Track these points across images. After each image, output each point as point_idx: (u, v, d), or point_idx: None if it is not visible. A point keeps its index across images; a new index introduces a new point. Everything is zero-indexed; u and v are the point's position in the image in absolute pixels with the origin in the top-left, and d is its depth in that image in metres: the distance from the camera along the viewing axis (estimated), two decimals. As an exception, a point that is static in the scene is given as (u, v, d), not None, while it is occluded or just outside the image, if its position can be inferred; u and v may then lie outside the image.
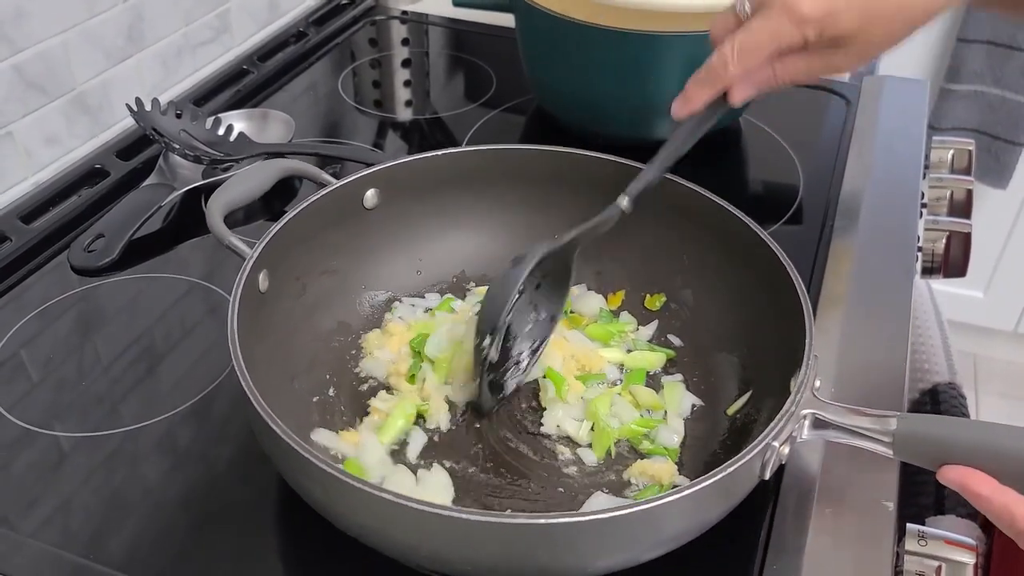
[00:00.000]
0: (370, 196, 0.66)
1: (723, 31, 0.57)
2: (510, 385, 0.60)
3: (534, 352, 0.61)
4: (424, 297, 0.69)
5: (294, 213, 0.60)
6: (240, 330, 0.51)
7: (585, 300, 0.70)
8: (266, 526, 0.55)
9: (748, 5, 0.56)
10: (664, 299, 0.69)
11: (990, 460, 0.46)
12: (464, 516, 0.43)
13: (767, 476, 0.49)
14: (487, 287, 0.60)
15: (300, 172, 0.73)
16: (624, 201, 0.59)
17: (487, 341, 0.57)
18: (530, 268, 0.57)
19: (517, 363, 0.60)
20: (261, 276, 0.57)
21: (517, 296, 0.58)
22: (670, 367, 0.65)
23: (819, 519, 0.54)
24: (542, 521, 0.43)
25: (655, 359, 0.65)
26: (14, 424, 0.61)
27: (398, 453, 0.58)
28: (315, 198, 0.62)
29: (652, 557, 0.48)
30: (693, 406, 0.62)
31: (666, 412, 0.61)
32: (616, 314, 0.69)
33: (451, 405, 0.61)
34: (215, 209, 0.64)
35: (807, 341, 0.52)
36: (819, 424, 0.50)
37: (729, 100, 0.57)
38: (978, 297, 1.96)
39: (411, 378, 0.62)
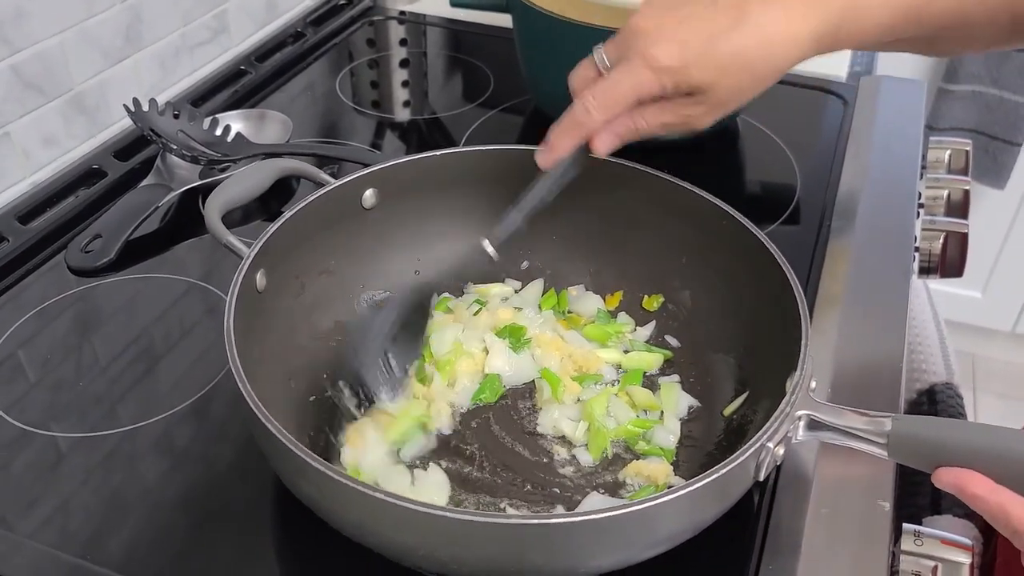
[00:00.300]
0: (368, 196, 0.66)
1: (584, 82, 0.58)
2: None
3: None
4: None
5: (292, 213, 0.61)
6: (237, 329, 0.51)
7: (583, 300, 0.70)
8: (264, 526, 0.55)
9: (607, 58, 0.58)
10: (662, 300, 0.69)
11: (985, 461, 0.46)
12: (460, 517, 0.43)
13: (762, 477, 0.49)
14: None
15: (298, 172, 0.73)
16: (489, 249, 0.60)
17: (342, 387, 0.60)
18: (397, 326, 0.60)
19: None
20: (259, 275, 0.57)
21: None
22: (667, 368, 0.65)
23: (815, 519, 0.54)
24: (537, 522, 0.43)
25: (652, 360, 0.65)
26: (12, 425, 0.61)
27: (395, 452, 0.58)
28: (313, 198, 0.62)
29: (648, 557, 0.48)
30: (689, 407, 0.62)
31: (662, 413, 0.61)
32: (614, 315, 0.69)
33: (453, 408, 0.61)
34: (213, 208, 0.64)
35: (803, 342, 0.52)
36: (814, 425, 0.50)
37: (593, 149, 0.58)
38: (976, 297, 1.96)
39: (421, 378, 0.62)
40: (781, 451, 0.49)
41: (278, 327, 0.60)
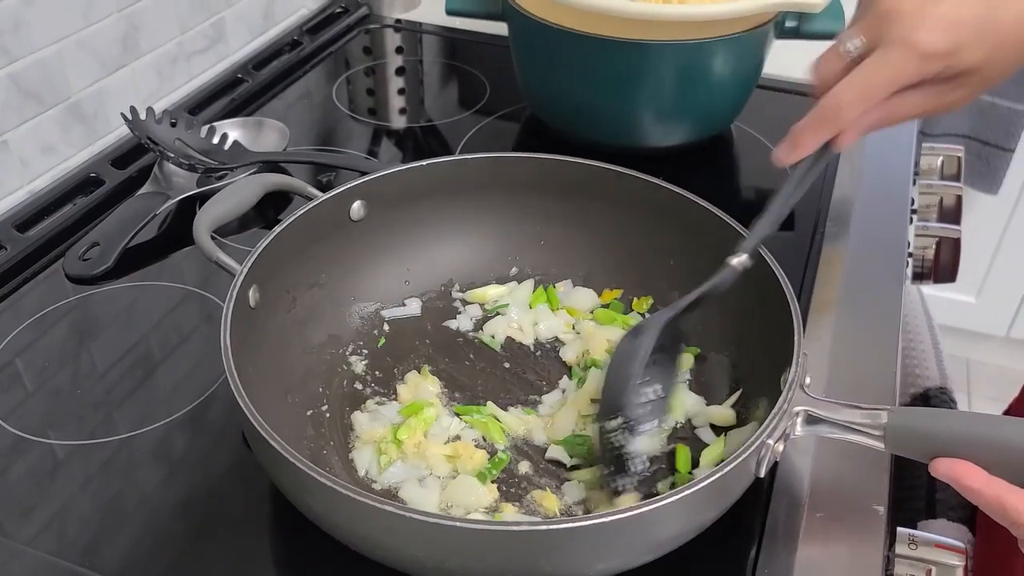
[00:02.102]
0: (356, 208, 0.66)
1: (830, 72, 0.54)
2: (635, 470, 0.54)
3: (655, 431, 0.56)
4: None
5: (281, 228, 0.61)
6: (233, 347, 0.52)
7: (576, 295, 0.70)
8: (262, 533, 0.55)
9: (858, 43, 0.52)
10: (651, 301, 0.69)
11: (981, 451, 0.46)
12: (464, 525, 0.43)
13: (762, 473, 0.50)
14: (606, 366, 0.56)
15: (285, 187, 0.73)
16: (737, 259, 0.55)
17: (615, 423, 0.52)
18: (655, 339, 0.54)
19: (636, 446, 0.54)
20: (251, 291, 0.58)
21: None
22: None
23: (810, 524, 0.55)
24: (543, 528, 0.43)
25: (685, 360, 0.64)
26: (9, 432, 0.61)
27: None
28: (301, 212, 0.63)
29: (653, 558, 0.49)
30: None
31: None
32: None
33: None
34: (202, 227, 0.64)
35: (796, 338, 0.53)
36: (812, 420, 0.51)
37: (834, 146, 0.54)
38: (970, 302, 1.97)
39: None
40: (780, 447, 0.50)
41: (272, 342, 0.60)
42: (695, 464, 0.58)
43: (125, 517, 0.56)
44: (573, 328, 0.68)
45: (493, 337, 0.67)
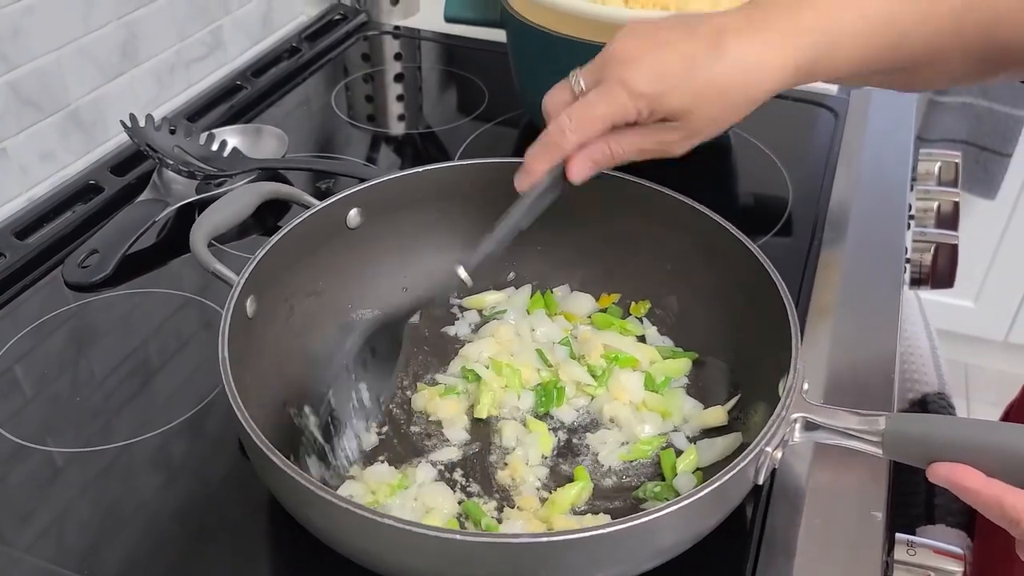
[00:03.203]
0: (353, 216, 0.66)
1: (558, 105, 0.58)
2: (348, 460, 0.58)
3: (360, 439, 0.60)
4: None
5: (278, 238, 0.61)
6: (231, 358, 0.51)
7: (573, 300, 0.70)
8: (259, 541, 0.55)
9: (583, 82, 0.58)
10: (649, 305, 0.70)
11: (979, 456, 0.46)
12: (468, 539, 0.43)
13: (761, 481, 0.50)
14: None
15: (282, 195, 0.73)
16: (462, 274, 0.59)
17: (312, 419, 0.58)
18: (361, 341, 0.60)
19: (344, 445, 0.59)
20: (249, 301, 0.58)
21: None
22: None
23: (809, 530, 0.55)
24: (544, 539, 0.43)
25: (681, 366, 0.65)
26: (8, 440, 0.61)
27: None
28: (298, 220, 0.63)
29: (651, 567, 0.49)
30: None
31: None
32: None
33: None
34: (199, 237, 0.64)
35: (794, 344, 0.53)
36: (810, 426, 0.51)
37: (568, 177, 0.58)
38: (969, 307, 1.97)
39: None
40: (779, 454, 0.50)
41: (270, 351, 0.60)
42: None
43: (123, 524, 0.56)
44: (570, 333, 0.68)
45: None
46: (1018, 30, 0.56)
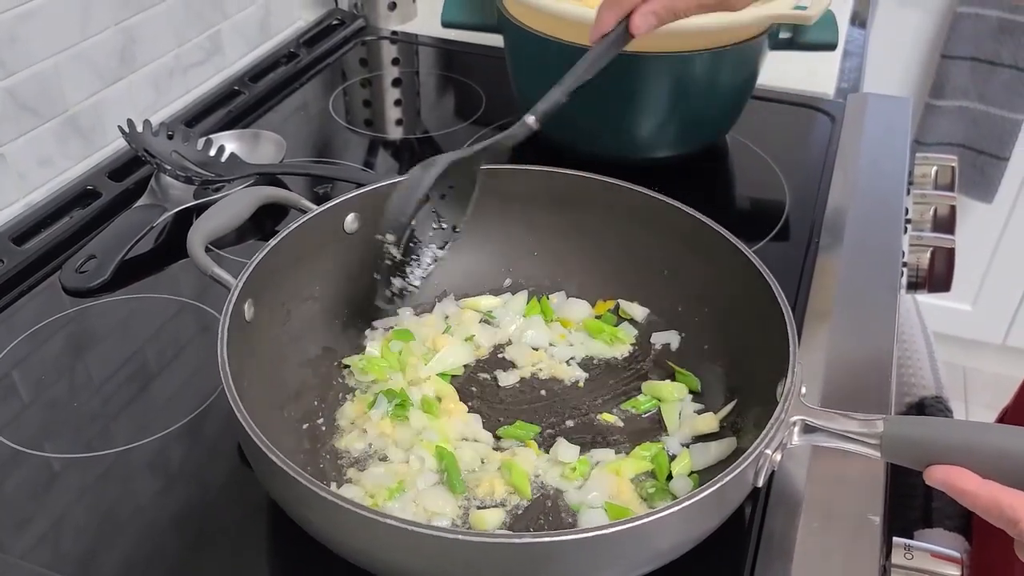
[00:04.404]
0: (350, 220, 0.67)
1: None
2: (409, 284, 0.64)
3: (435, 259, 0.64)
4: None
5: (275, 242, 0.61)
6: (230, 362, 0.52)
7: (569, 306, 0.71)
8: (257, 545, 0.55)
9: None
10: (646, 311, 0.70)
11: (976, 459, 0.46)
12: (464, 538, 0.43)
13: (760, 483, 0.50)
14: (395, 189, 0.62)
15: (279, 199, 0.74)
16: (531, 119, 0.63)
17: (391, 238, 0.60)
18: (438, 174, 0.60)
19: (418, 264, 0.64)
20: (246, 305, 0.58)
21: (425, 200, 0.61)
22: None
23: (806, 534, 0.55)
24: (544, 540, 0.43)
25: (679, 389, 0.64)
26: (5, 445, 0.61)
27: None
28: (296, 225, 0.63)
29: (650, 569, 0.49)
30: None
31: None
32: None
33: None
34: (196, 241, 0.64)
35: (791, 348, 0.53)
36: (808, 429, 0.51)
37: (631, 29, 0.62)
38: (966, 310, 1.97)
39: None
40: (778, 457, 0.50)
41: (268, 355, 0.60)
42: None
43: (120, 530, 0.56)
44: (566, 339, 0.68)
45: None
46: None
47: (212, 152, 0.84)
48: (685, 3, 0.61)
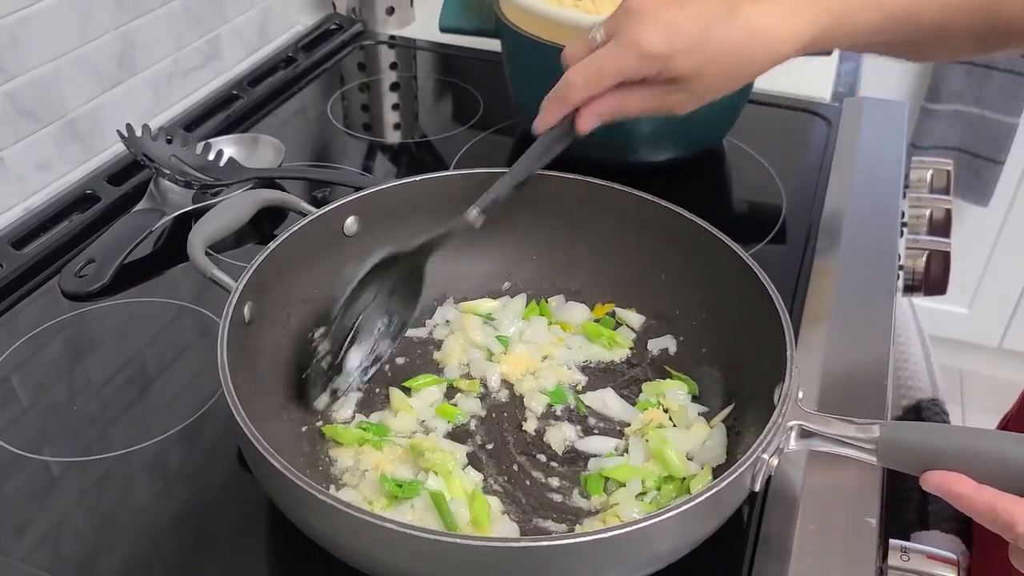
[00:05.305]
0: (350, 223, 0.67)
1: (575, 55, 0.60)
2: (351, 382, 0.62)
3: (381, 357, 0.64)
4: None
5: (275, 245, 0.61)
6: (230, 365, 0.52)
7: (568, 310, 0.71)
8: (257, 549, 0.56)
9: (600, 34, 0.58)
10: (642, 319, 0.70)
11: (972, 464, 0.46)
12: (464, 542, 0.44)
13: (757, 488, 0.50)
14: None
15: (279, 202, 0.74)
16: (473, 213, 0.61)
17: (319, 333, 0.60)
18: (370, 268, 0.60)
19: (367, 360, 0.63)
20: (246, 308, 0.58)
21: (366, 295, 0.61)
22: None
23: (803, 536, 0.55)
24: (543, 544, 0.43)
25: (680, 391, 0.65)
26: (5, 449, 0.61)
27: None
28: (296, 227, 0.63)
29: (647, 573, 0.49)
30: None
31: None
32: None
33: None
34: (196, 243, 0.65)
35: (788, 352, 0.53)
36: (805, 434, 0.51)
37: (576, 127, 0.60)
38: (963, 313, 1.98)
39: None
40: (775, 462, 0.50)
41: (267, 358, 0.60)
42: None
43: (120, 533, 0.56)
44: (564, 342, 0.69)
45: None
46: (1022, 7, 0.57)
47: (211, 156, 0.85)
48: (632, 106, 0.59)
